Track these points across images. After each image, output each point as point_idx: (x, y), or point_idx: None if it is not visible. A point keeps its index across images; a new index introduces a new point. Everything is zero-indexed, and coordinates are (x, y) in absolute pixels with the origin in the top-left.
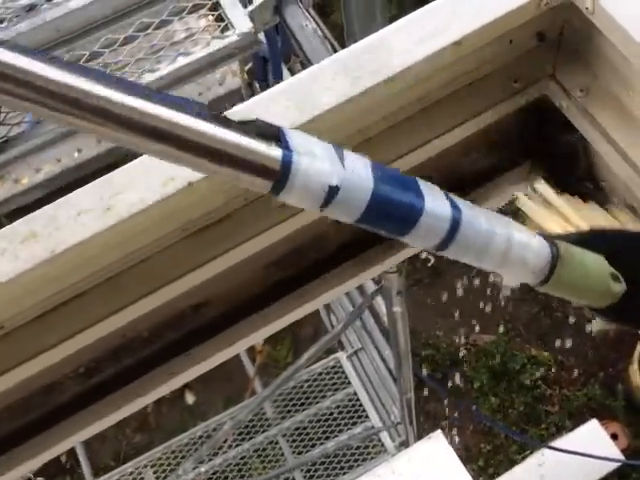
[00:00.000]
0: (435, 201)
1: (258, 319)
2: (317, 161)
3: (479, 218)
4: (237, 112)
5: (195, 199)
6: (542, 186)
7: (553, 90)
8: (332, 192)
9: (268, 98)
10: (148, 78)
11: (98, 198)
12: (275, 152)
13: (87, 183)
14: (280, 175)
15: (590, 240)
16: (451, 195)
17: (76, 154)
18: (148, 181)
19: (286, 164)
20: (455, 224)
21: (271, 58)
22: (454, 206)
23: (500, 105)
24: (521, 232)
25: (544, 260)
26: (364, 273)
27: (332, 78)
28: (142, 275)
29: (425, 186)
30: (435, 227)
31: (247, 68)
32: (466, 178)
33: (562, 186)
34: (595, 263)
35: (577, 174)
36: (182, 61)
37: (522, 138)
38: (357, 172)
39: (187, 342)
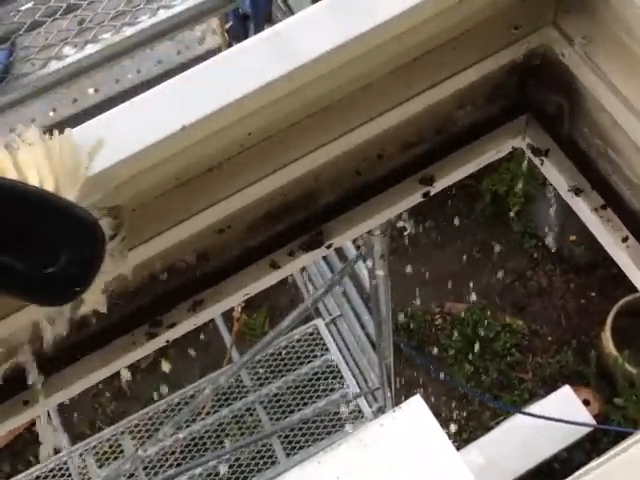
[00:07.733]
0: None
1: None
2: None
3: None
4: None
5: (188, 145)
6: None
7: (554, 38)
8: None
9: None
10: (128, 32)
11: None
12: None
13: None
14: None
15: None
16: None
17: (51, 113)
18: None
19: None
20: None
21: (253, 15)
22: None
23: (499, 54)
24: None
25: None
26: (353, 230)
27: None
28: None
29: None
30: None
31: (227, 27)
32: (462, 131)
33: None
34: None
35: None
36: (163, 14)
37: (520, 90)
38: None
39: None
